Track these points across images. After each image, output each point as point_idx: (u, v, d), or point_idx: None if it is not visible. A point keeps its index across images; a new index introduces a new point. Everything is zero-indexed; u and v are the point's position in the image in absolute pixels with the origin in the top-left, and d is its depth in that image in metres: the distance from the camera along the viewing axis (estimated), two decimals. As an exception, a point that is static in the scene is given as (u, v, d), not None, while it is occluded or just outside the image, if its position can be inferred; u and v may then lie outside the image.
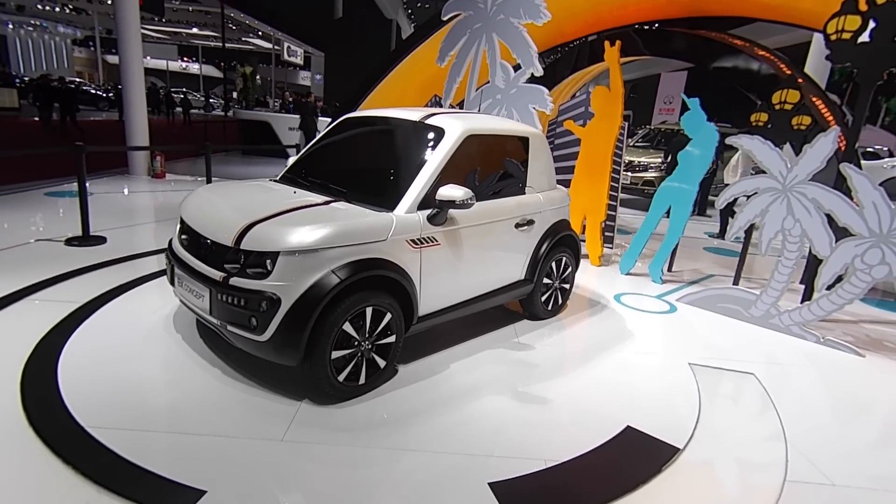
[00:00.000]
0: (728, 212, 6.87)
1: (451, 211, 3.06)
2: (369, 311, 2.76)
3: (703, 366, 3.57)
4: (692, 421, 2.88)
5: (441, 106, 6.87)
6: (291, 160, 3.91)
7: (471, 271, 3.36)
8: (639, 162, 10.16)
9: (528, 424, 2.76)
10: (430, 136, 3.27)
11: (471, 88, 6.30)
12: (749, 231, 5.03)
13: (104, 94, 29.75)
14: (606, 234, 6.19)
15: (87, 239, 5.08)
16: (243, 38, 44.10)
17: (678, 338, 4.12)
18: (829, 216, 3.97)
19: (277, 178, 3.70)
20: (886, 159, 12.62)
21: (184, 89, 33.24)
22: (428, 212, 3.00)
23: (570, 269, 4.25)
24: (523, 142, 3.78)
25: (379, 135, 3.65)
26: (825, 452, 2.72)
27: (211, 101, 38.67)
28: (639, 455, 2.56)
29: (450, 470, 2.35)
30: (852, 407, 3.33)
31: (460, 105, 6.59)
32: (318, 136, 3.91)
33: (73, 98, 14.46)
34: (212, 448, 2.35)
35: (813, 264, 4.45)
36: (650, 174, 9.82)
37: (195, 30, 42.18)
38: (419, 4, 35.68)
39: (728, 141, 4.40)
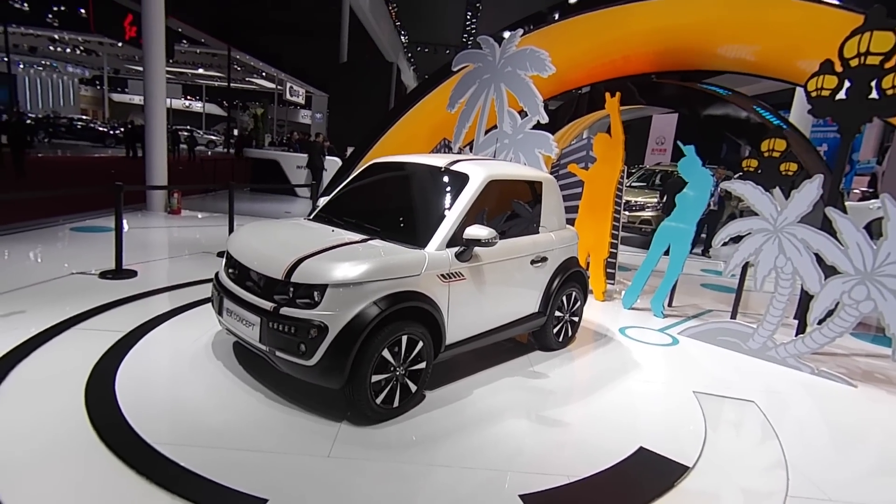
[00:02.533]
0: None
1: (476, 248, 3.38)
2: (405, 339, 3.04)
3: (706, 394, 3.83)
4: (699, 443, 3.12)
5: (450, 149, 7.30)
6: (322, 200, 4.24)
7: (492, 304, 3.66)
8: (636, 202, 10.61)
9: (548, 444, 3.01)
10: (456, 180, 3.62)
11: (479, 133, 6.73)
12: (744, 269, 5.38)
13: (111, 132, 30.49)
14: (608, 270, 6.51)
15: (119, 272, 5.34)
16: (247, 79, 45.39)
17: (681, 368, 4.39)
18: (817, 255, 4.32)
19: (311, 217, 4.02)
20: (871, 201, 13.13)
21: (188, 127, 34.11)
22: (456, 249, 3.32)
23: (578, 303, 4.55)
24: (537, 186, 4.14)
25: (408, 178, 4.01)
26: (823, 472, 2.98)
27: (213, 138, 39.57)
28: (652, 472, 2.80)
29: (482, 483, 2.59)
30: (847, 433, 3.59)
31: (469, 147, 7.03)
32: (349, 178, 4.25)
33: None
34: (267, 462, 2.58)
35: (805, 300, 4.77)
36: (647, 213, 10.25)
37: (201, 70, 43.45)
38: (419, 49, 37.22)
39: (723, 185, 4.79)
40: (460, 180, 3.60)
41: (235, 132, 31.71)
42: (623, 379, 4.02)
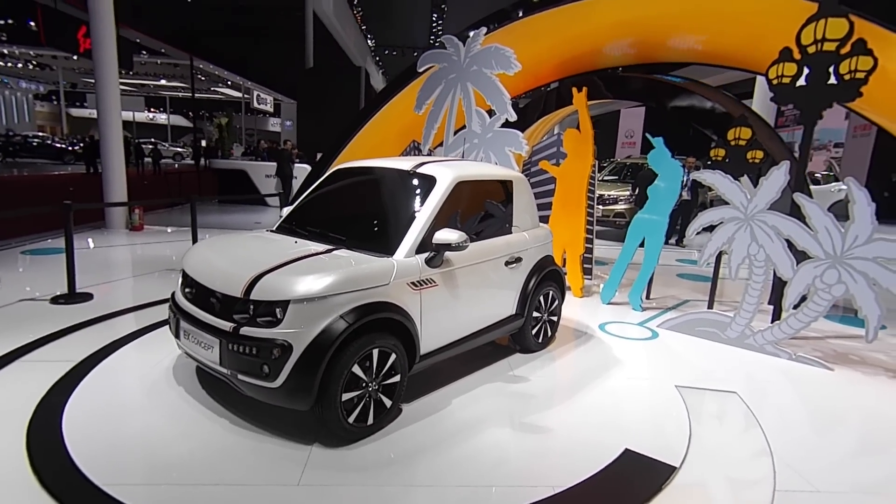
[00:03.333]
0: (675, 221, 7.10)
1: (447, 253, 3.25)
2: (376, 352, 2.88)
3: (688, 387, 3.77)
4: (685, 440, 3.05)
5: (420, 150, 7.16)
6: (286, 210, 4.05)
7: (467, 309, 3.53)
8: (608, 195, 10.63)
9: (532, 453, 2.89)
10: (423, 183, 3.48)
11: (448, 134, 6.60)
12: (718, 257, 5.37)
13: (69, 148, 29.44)
14: (585, 266, 6.46)
15: (73, 296, 5.05)
16: (212, 88, 44.45)
17: (662, 362, 4.34)
18: (788, 241, 4.31)
19: (274, 229, 3.84)
20: (833, 184, 13.45)
21: (152, 140, 33.16)
22: (426, 255, 3.18)
23: (556, 302, 4.46)
24: (507, 185, 4.03)
25: (373, 184, 3.86)
26: (809, 462, 2.92)
27: (179, 150, 38.59)
28: (639, 476, 2.70)
29: (465, 502, 2.45)
30: (828, 418, 3.56)
31: (440, 147, 6.91)
32: (313, 187, 4.07)
33: None
34: (230, 498, 2.40)
35: (779, 286, 4.77)
36: (620, 206, 10.28)
37: (163, 81, 42.38)
38: (386, 52, 37.04)
39: (693, 176, 4.76)
40: (427, 183, 3.47)
41: (203, 143, 31.02)
42: (605, 377, 3.94)
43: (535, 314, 4.21)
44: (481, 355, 4.10)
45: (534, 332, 4.23)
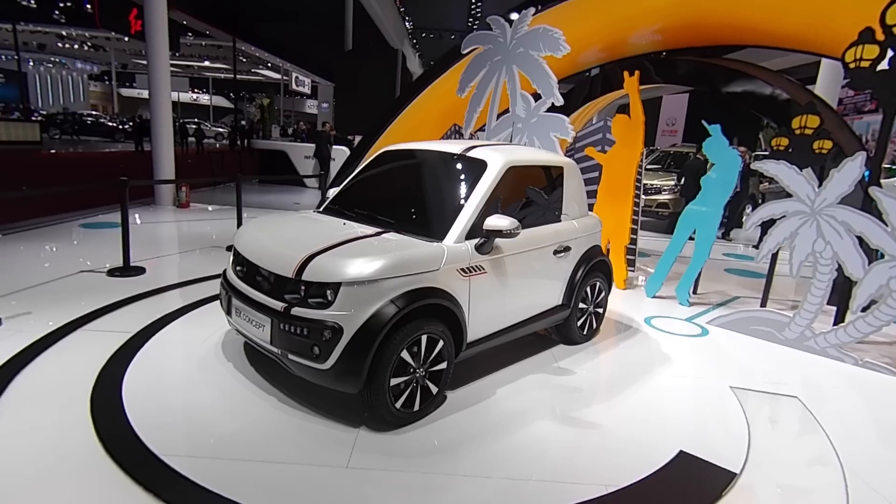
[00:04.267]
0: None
1: (497, 240, 3.17)
2: (424, 338, 2.84)
3: (744, 389, 3.60)
4: (744, 445, 2.91)
5: (461, 134, 7.05)
6: (332, 191, 4.03)
7: (514, 298, 3.45)
8: (652, 185, 10.28)
9: (580, 449, 2.81)
10: (473, 168, 3.40)
11: (491, 117, 6.47)
12: (775, 254, 5.11)
13: (119, 127, 30.47)
14: (629, 257, 6.26)
15: (127, 269, 5.20)
16: (253, 70, 45.12)
17: (714, 361, 4.16)
18: (860, 238, 4.05)
19: (321, 210, 3.82)
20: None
21: (196, 120, 33.97)
22: (475, 241, 3.11)
23: (603, 294, 4.32)
24: (558, 171, 3.90)
25: (421, 167, 3.79)
26: (881, 475, 2.75)
27: (221, 130, 39.51)
28: (697, 481, 2.59)
29: (512, 496, 2.40)
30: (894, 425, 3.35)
31: (481, 131, 6.79)
32: (359, 169, 4.04)
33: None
34: (282, 474, 2.41)
35: (841, 286, 4.50)
36: (664, 197, 9.93)
37: (207, 63, 43.22)
38: (424, 35, 36.68)
39: (754, 166, 4.51)
40: (478, 167, 3.38)
41: (243, 123, 31.58)
42: (653, 374, 3.81)
43: (581, 305, 4.09)
44: (524, 345, 4.02)
45: (579, 323, 4.12)
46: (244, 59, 39.73)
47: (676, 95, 22.04)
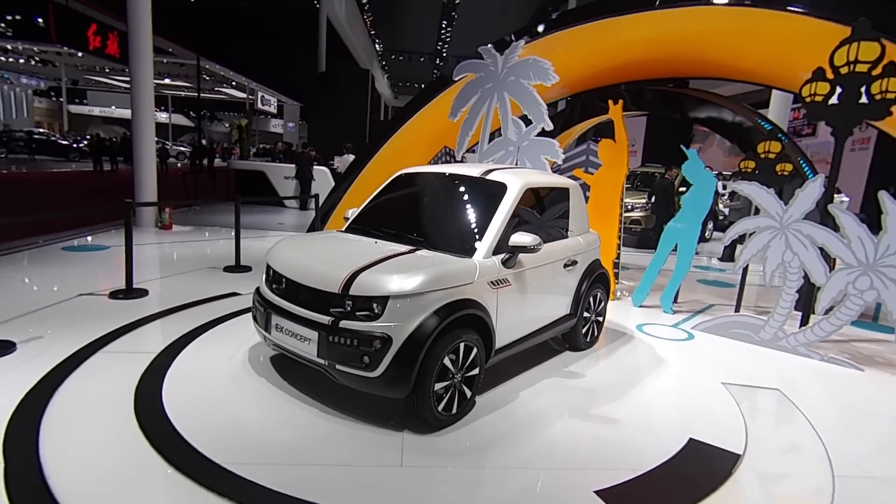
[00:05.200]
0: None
1: (519, 255, 3.48)
2: (462, 346, 3.11)
3: (734, 384, 4.02)
4: (741, 431, 3.29)
5: (452, 156, 7.40)
6: (351, 212, 4.25)
7: (533, 308, 3.77)
8: (625, 203, 10.88)
9: (604, 440, 3.12)
10: (493, 189, 3.72)
11: (483, 141, 6.84)
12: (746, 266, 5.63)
13: (74, 145, 29.41)
14: (615, 270, 6.70)
15: (131, 292, 5.23)
16: (216, 88, 44.50)
17: (703, 361, 4.58)
18: (821, 249, 4.58)
19: (344, 230, 4.05)
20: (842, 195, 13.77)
21: (157, 139, 33.17)
22: (502, 256, 3.42)
23: (603, 304, 4.70)
24: (565, 192, 4.28)
25: (443, 188, 4.08)
26: (857, 452, 3.18)
27: (184, 149, 38.67)
28: (708, 462, 2.94)
29: (556, 482, 2.68)
30: (866, 412, 3.83)
31: (470, 152, 7.17)
32: (378, 190, 4.28)
33: None
34: (344, 476, 2.61)
35: (806, 294, 5.03)
36: (636, 214, 10.56)
37: (167, 80, 42.40)
38: (393, 57, 37.33)
39: (730, 186, 5.02)
40: (498, 189, 3.70)
41: (204, 143, 31.04)
42: (654, 374, 4.18)
43: (585, 314, 4.45)
44: (536, 354, 4.32)
45: (584, 331, 4.47)
46: (207, 78, 39.24)
47: (636, 118, 23.25)
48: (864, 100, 4.65)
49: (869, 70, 4.58)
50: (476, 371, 3.27)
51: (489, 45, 6.76)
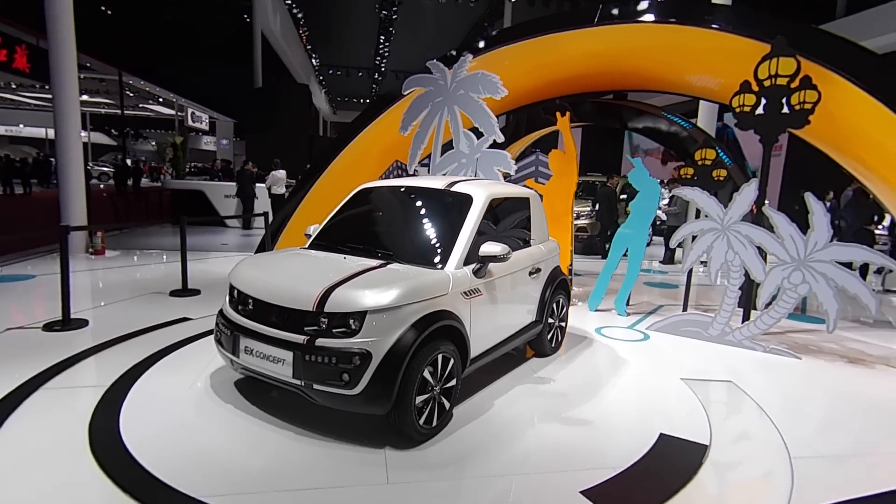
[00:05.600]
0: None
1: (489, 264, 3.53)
2: (440, 357, 3.10)
3: (692, 379, 4.24)
4: (705, 422, 3.47)
5: (404, 170, 7.40)
6: (313, 228, 4.17)
7: (503, 316, 3.82)
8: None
9: (582, 441, 3.20)
10: (460, 201, 3.76)
11: (435, 154, 6.90)
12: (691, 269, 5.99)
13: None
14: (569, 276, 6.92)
15: (68, 323, 4.84)
16: (141, 105, 42.31)
17: (661, 359, 4.80)
18: (759, 248, 4.94)
19: (307, 247, 3.95)
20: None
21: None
22: (472, 266, 3.45)
23: (565, 309, 4.83)
24: (525, 202, 4.39)
25: (409, 202, 4.07)
26: (806, 433, 3.44)
27: (105, 169, 36.41)
28: (680, 454, 3.07)
29: (541, 486, 2.72)
30: (806, 397, 4.14)
31: (421, 166, 7.22)
32: (340, 206, 4.22)
33: None
34: (332, 499, 2.53)
35: (745, 290, 5.39)
36: (582, 221, 10.95)
37: (86, 97, 39.87)
38: (330, 72, 36.95)
39: (674, 192, 5.33)
40: (464, 201, 3.75)
41: (129, 162, 29.30)
42: (618, 374, 4.34)
43: (550, 320, 4.56)
44: (503, 363, 4.35)
45: (548, 337, 4.57)
46: (132, 94, 37.23)
47: (572, 129, 24.21)
48: (785, 110, 5.10)
49: (788, 83, 5.02)
50: (453, 382, 3.26)
51: (436, 60, 6.85)
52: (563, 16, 7.05)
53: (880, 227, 10.02)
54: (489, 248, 3.42)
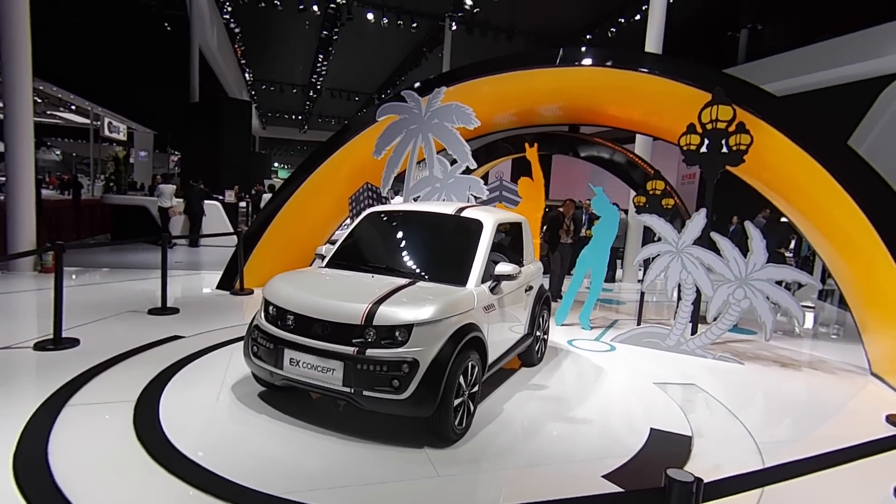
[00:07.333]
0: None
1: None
2: (470, 365, 3.48)
3: (662, 383, 4.88)
4: (683, 417, 4.08)
5: (374, 192, 7.66)
6: (325, 248, 4.41)
7: (508, 328, 4.27)
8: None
9: (589, 436, 3.69)
10: (471, 226, 4.19)
11: (409, 179, 7.30)
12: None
13: None
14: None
15: (60, 342, 4.71)
16: (49, 112, 39.16)
17: (631, 366, 5.43)
18: (708, 268, 5.75)
19: (325, 265, 4.20)
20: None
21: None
22: (488, 284, 3.88)
23: (547, 324, 5.36)
24: (519, 226, 4.90)
25: (424, 226, 4.43)
26: (763, 423, 4.15)
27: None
28: (673, 443, 3.64)
29: (568, 474, 3.16)
30: (756, 395, 4.91)
31: (396, 192, 7.60)
32: (352, 228, 4.49)
33: None
34: (393, 492, 2.82)
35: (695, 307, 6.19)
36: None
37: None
38: (264, 87, 36.30)
39: (637, 218, 6.07)
40: (475, 225, 4.18)
41: (39, 177, 27.06)
42: (599, 380, 4.91)
43: (537, 333, 5.05)
44: (498, 374, 4.72)
45: (535, 348, 5.06)
46: (40, 100, 34.47)
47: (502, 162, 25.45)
48: (724, 150, 6.00)
49: (726, 127, 5.93)
50: (477, 388, 3.65)
51: (412, 90, 7.27)
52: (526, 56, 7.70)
53: (789, 251, 11.60)
54: (503, 267, 3.87)
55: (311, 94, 36.13)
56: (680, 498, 1.43)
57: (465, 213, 4.34)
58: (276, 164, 53.21)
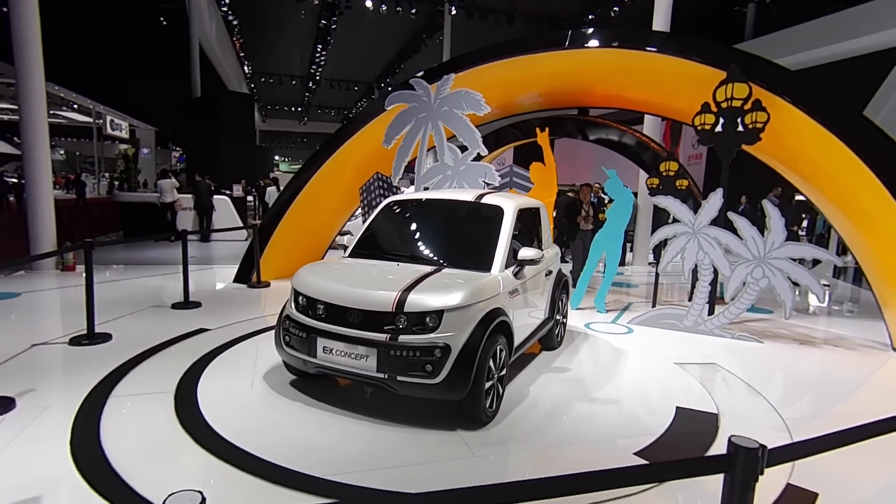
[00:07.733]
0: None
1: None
2: (498, 348, 3.54)
3: (683, 363, 4.93)
4: (707, 395, 4.13)
5: (385, 181, 7.68)
6: (348, 239, 4.46)
7: (531, 312, 4.32)
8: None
9: (617, 416, 3.76)
10: (492, 212, 4.22)
11: (420, 167, 7.31)
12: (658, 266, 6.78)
13: None
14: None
15: (93, 337, 4.81)
16: (53, 112, 39.13)
17: (651, 347, 5.48)
18: (725, 249, 5.77)
19: (347, 255, 4.24)
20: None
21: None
22: (512, 268, 3.92)
23: (566, 307, 5.40)
24: (537, 211, 4.92)
25: (443, 213, 4.47)
26: (787, 399, 4.20)
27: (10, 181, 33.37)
28: (700, 421, 3.69)
29: (601, 451, 3.23)
30: (777, 373, 4.95)
31: (410, 181, 7.58)
32: (372, 218, 4.53)
33: None
34: (432, 472, 2.89)
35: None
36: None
37: (-12, 102, 36.37)
38: (263, 79, 36.16)
39: (653, 201, 6.07)
40: (496, 212, 4.21)
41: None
42: (621, 362, 4.96)
43: (557, 317, 5.10)
44: (520, 359, 4.78)
45: (556, 331, 5.11)
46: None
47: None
48: (740, 128, 5.98)
49: (742, 105, 5.90)
50: (504, 371, 3.71)
51: (420, 78, 7.24)
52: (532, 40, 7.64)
53: (802, 229, 11.58)
54: (526, 252, 3.91)
55: (310, 84, 35.96)
56: (746, 464, 1.47)
57: (484, 200, 4.37)
58: (276, 157, 53.16)
